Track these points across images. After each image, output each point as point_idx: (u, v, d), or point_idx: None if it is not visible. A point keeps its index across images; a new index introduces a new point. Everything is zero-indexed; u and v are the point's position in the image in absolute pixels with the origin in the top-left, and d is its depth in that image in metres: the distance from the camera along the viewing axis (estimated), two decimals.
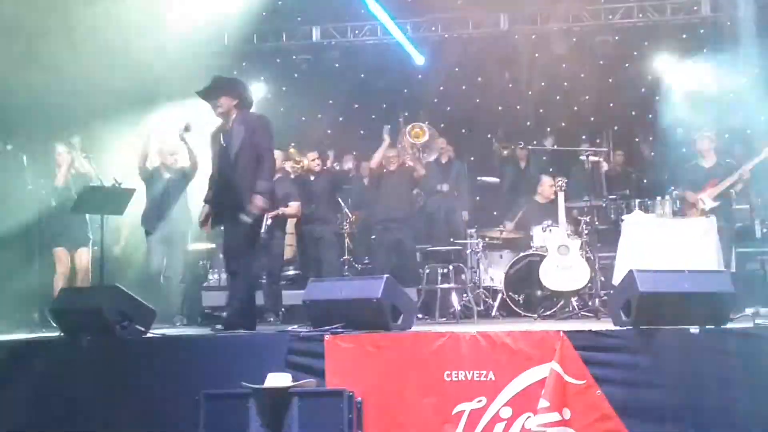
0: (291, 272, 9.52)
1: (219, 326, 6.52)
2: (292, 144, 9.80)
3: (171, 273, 8.46)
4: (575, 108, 12.47)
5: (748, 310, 6.93)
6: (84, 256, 8.45)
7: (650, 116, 12.02)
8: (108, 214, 8.19)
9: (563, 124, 12.45)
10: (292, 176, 8.97)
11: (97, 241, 8.20)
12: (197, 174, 8.34)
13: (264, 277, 8.77)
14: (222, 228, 6.98)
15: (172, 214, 8.37)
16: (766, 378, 5.27)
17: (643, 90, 12.19)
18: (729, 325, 5.63)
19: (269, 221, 8.25)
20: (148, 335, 6.38)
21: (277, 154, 8.70)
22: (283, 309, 8.34)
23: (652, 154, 11.60)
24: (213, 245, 10.53)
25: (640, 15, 11.46)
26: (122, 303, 6.36)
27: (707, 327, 5.48)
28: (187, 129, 7.83)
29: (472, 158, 11.27)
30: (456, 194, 10.30)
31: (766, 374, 5.29)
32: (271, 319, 8.19)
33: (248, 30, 12.02)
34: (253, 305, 6.72)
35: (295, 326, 6.49)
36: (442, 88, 12.44)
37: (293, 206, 8.55)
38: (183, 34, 9.63)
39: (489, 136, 12.25)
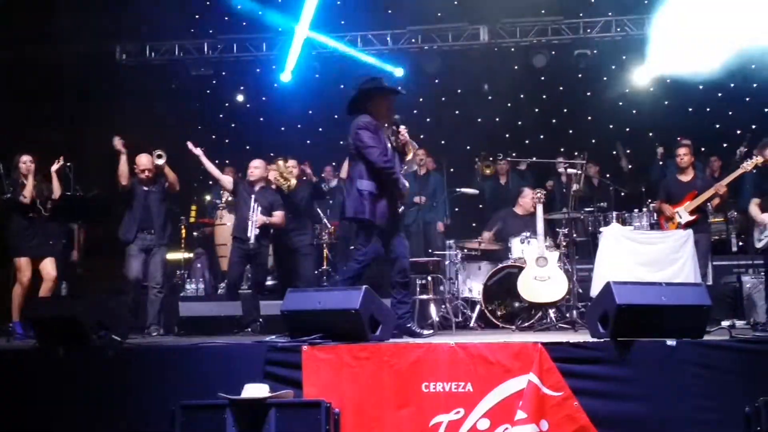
0: (269, 282, 9.49)
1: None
2: (282, 157, 9.78)
3: (152, 282, 8.42)
4: (553, 120, 12.56)
5: (725, 323, 6.99)
6: (50, 266, 8.35)
7: (627, 129, 12.14)
8: (86, 222, 8.14)
9: (541, 137, 12.53)
10: (273, 186, 8.97)
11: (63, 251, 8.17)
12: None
13: (246, 287, 8.77)
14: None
15: (153, 225, 8.33)
16: (742, 390, 5.30)
17: (621, 103, 12.30)
18: (705, 338, 5.68)
19: (257, 231, 8.24)
20: (125, 345, 6.33)
21: (259, 163, 8.70)
22: (261, 319, 8.30)
23: (630, 167, 11.69)
24: (191, 255, 10.49)
25: (618, 29, 11.58)
26: (99, 312, 6.31)
27: (684, 339, 5.51)
28: (160, 157, 8.26)
29: (452, 169, 11.29)
30: (434, 206, 10.34)
31: (742, 387, 5.33)
32: (249, 329, 8.16)
33: (228, 39, 12.06)
34: None
35: (273, 337, 6.46)
36: (421, 99, 12.49)
37: (278, 215, 8.53)
38: None
39: (468, 147, 12.31)
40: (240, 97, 12.60)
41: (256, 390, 5.44)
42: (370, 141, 6.61)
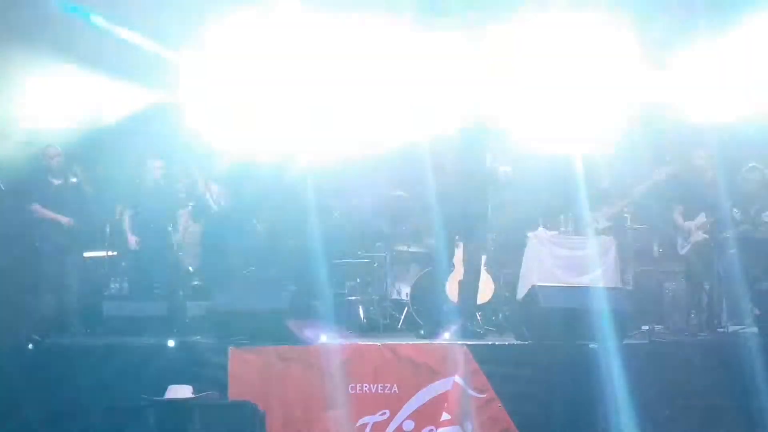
0: (195, 282, 9.35)
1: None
2: None
3: (70, 281, 8.22)
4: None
5: (644, 327, 7.16)
6: None
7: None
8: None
9: None
10: None
11: None
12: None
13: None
14: None
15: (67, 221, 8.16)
16: (660, 392, 5.45)
17: None
18: (626, 341, 5.81)
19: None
20: (45, 344, 6.18)
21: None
22: (186, 320, 8.17)
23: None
24: (114, 252, 10.24)
25: None
26: (16, 311, 6.14)
27: (606, 343, 5.63)
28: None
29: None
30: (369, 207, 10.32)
31: (660, 388, 5.48)
32: (175, 329, 8.02)
33: None
34: None
35: (199, 337, 6.37)
36: None
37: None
38: None
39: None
40: None
41: (179, 391, 5.36)
42: None
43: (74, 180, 8.14)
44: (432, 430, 5.49)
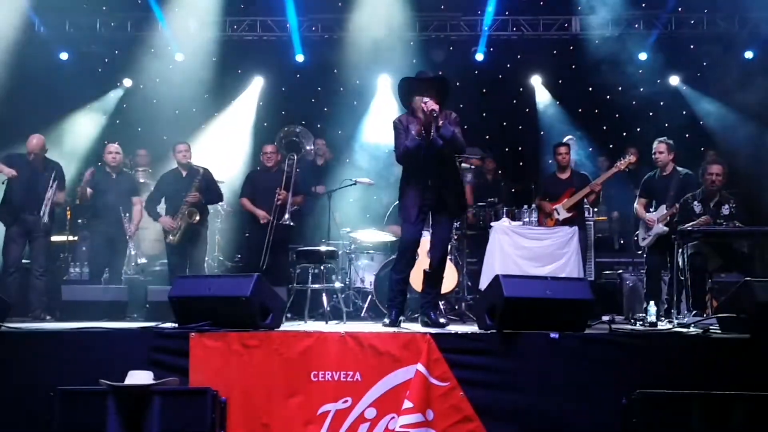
0: (158, 267, 9.29)
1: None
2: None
3: (35, 265, 8.16)
4: (452, 116, 12.67)
5: (605, 317, 7.26)
6: None
7: (521, 127, 12.40)
8: None
9: None
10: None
11: None
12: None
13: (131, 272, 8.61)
14: None
15: (37, 208, 8.07)
16: (619, 382, 5.51)
17: (514, 101, 12.56)
18: (587, 331, 5.87)
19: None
20: (2, 329, 6.08)
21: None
22: (147, 305, 8.11)
23: (521, 163, 11.96)
24: (75, 237, 10.15)
25: (514, 29, 11.80)
26: None
27: (566, 332, 5.69)
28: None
29: (347, 160, 11.31)
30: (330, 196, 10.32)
31: (620, 378, 5.54)
32: (135, 314, 7.96)
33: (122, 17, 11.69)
34: None
35: (160, 323, 6.32)
36: (320, 88, 12.42)
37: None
38: None
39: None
40: (128, 82, 12.15)
41: (139, 377, 5.31)
42: (395, 141, 6.73)
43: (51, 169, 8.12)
44: (394, 417, 5.50)
